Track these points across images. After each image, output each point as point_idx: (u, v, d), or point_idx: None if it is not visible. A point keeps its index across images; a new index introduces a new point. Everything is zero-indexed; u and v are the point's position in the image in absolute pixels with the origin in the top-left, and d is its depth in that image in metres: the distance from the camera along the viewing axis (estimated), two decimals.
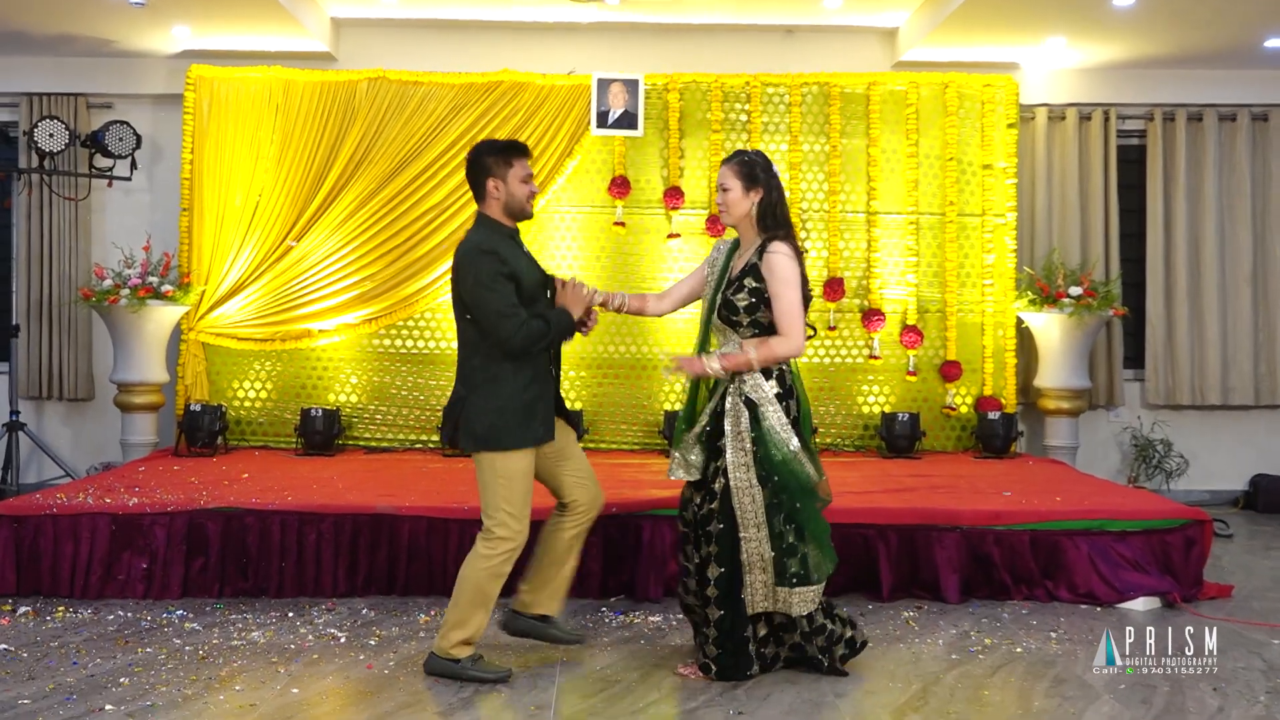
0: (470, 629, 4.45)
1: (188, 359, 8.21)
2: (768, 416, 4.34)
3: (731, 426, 4.36)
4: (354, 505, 5.93)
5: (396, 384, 8.37)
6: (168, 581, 5.74)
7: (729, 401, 4.39)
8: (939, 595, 5.77)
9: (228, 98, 8.34)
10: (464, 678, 4.45)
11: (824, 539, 4.45)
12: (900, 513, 5.94)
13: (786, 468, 4.33)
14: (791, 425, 4.38)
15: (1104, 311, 8.18)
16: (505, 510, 4.39)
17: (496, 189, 4.47)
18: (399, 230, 8.28)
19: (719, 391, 4.46)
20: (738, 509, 4.35)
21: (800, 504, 4.36)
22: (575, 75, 8.35)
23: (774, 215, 4.43)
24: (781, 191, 4.49)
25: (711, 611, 4.40)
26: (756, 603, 4.39)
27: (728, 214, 4.49)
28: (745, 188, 4.43)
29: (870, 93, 8.47)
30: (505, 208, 4.48)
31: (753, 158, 4.48)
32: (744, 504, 4.35)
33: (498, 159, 4.47)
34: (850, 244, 8.48)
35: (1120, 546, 5.83)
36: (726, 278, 4.48)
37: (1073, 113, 8.84)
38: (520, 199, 4.49)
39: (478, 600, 4.42)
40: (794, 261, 4.36)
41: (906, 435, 8.08)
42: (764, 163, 4.47)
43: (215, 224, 8.27)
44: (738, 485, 4.34)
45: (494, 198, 4.47)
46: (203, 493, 6.12)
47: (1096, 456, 8.89)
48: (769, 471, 4.33)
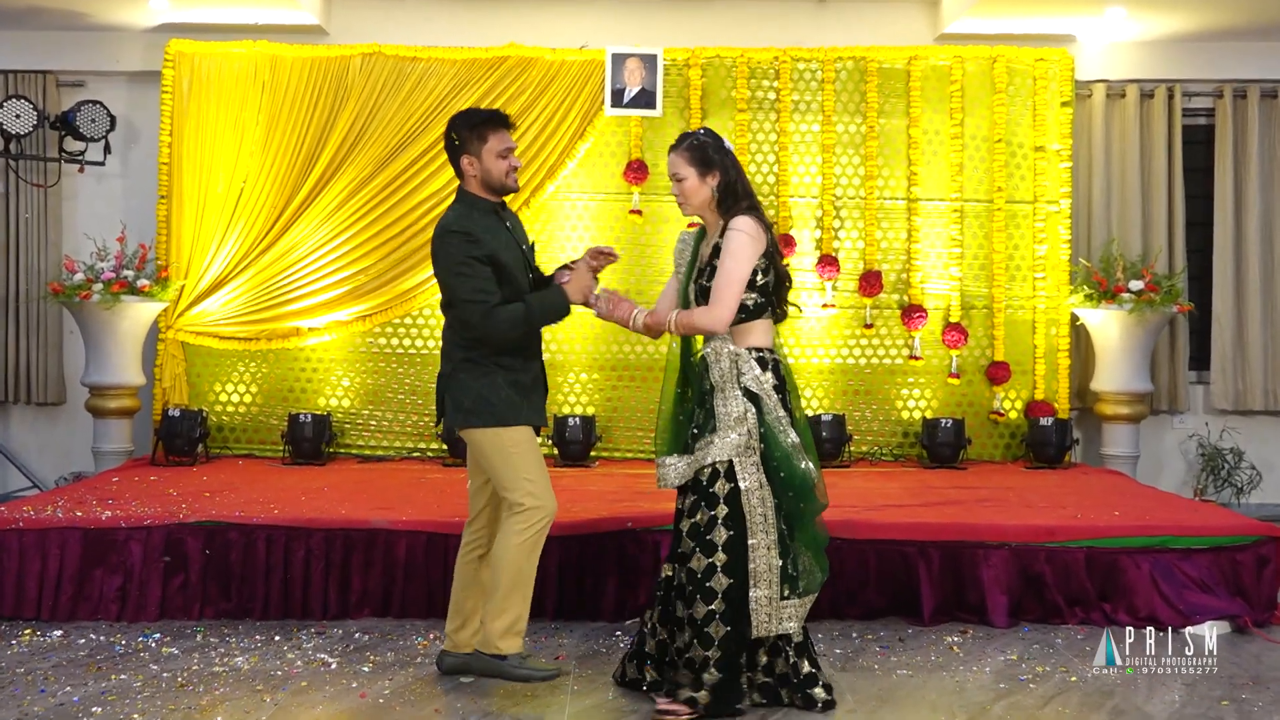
0: (512, 615, 4.47)
1: (166, 360, 8.24)
2: (770, 410, 4.40)
3: (736, 424, 4.36)
4: (346, 519, 5.94)
5: (393, 387, 8.38)
6: (144, 602, 5.75)
7: (726, 395, 4.39)
8: (985, 619, 5.75)
9: (209, 75, 8.37)
10: (511, 676, 4.49)
11: (819, 546, 4.48)
12: (943, 528, 5.92)
13: (789, 464, 4.39)
14: (788, 419, 4.45)
15: (1167, 308, 8.14)
16: (525, 479, 4.46)
17: (471, 165, 4.56)
18: (396, 219, 8.30)
19: (706, 384, 4.44)
20: (748, 513, 4.35)
21: (804, 505, 4.41)
22: (588, 50, 8.35)
23: (734, 194, 4.47)
24: (739, 168, 4.54)
25: (715, 629, 4.32)
26: (760, 624, 4.36)
27: (687, 204, 4.52)
28: (701, 173, 4.47)
29: (911, 68, 8.45)
30: (483, 184, 4.56)
31: (702, 139, 4.51)
32: (753, 506, 4.36)
33: (471, 133, 4.54)
34: (889, 234, 8.46)
35: (1185, 566, 5.80)
36: (697, 266, 4.53)
37: (1133, 90, 8.80)
38: (498, 175, 4.55)
39: (518, 581, 4.47)
40: (753, 239, 4.37)
41: (950, 443, 8.06)
42: (714, 142, 4.50)
43: (196, 213, 8.30)
44: (749, 487, 4.36)
45: (470, 175, 4.57)
46: (182, 505, 6.14)
47: (1159, 467, 8.85)
48: (773, 470, 4.38)
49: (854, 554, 5.84)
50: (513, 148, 4.61)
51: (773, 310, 4.53)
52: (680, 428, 4.49)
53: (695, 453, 4.41)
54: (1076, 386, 8.68)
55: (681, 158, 4.48)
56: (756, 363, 4.42)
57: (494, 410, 4.49)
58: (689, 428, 4.46)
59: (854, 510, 6.18)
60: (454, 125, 4.58)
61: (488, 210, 4.58)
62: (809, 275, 8.41)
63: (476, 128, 4.53)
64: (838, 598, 5.80)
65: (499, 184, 4.57)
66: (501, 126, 4.56)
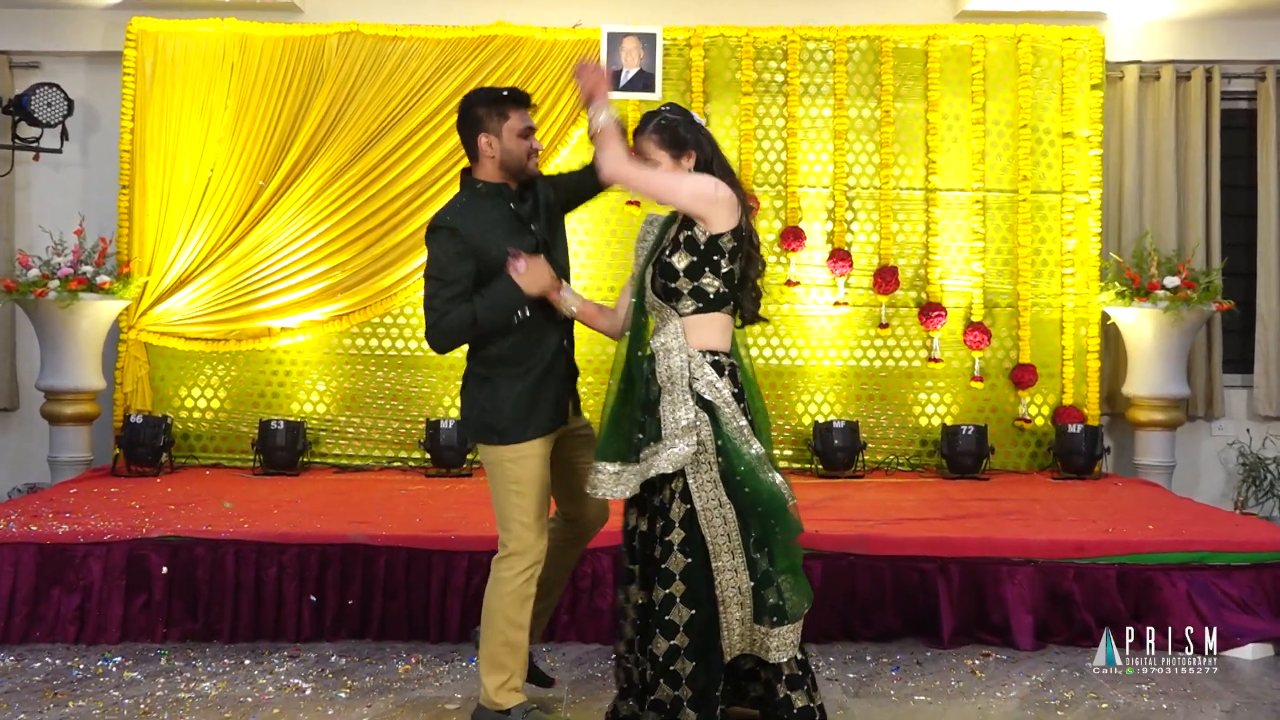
0: (507, 670, 4.44)
1: (127, 362, 8.24)
2: (728, 420, 4.15)
3: (684, 433, 4.11)
4: (321, 534, 5.94)
5: (372, 391, 8.38)
6: (104, 623, 5.74)
7: (675, 399, 4.14)
8: (1010, 640, 5.75)
9: (174, 56, 8.37)
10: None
11: (799, 568, 4.24)
12: (964, 543, 5.92)
13: (754, 478, 4.13)
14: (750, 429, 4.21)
15: (1205, 306, 8.14)
16: (519, 520, 4.41)
17: (490, 145, 4.43)
18: (375, 211, 8.30)
19: (654, 385, 4.20)
20: (708, 535, 4.12)
21: (776, 522, 4.16)
22: (582, 28, 8.35)
23: (714, 173, 4.25)
24: (714, 143, 4.34)
25: (681, 666, 4.11)
26: (734, 644, 4.18)
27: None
28: (674, 155, 4.25)
29: (929, 48, 8.46)
30: (502, 166, 4.45)
31: (670, 116, 4.29)
32: (714, 527, 4.12)
33: (489, 110, 4.44)
34: (905, 227, 8.47)
35: (1225, 584, 5.80)
36: (661, 247, 4.29)
37: (1169, 71, 8.80)
38: (518, 156, 4.43)
39: (508, 632, 4.42)
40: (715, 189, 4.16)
41: (972, 452, 8.06)
42: (684, 118, 4.29)
43: (160, 204, 8.30)
44: (705, 507, 4.12)
45: (487, 156, 4.44)
46: (145, 519, 6.13)
47: (1196, 477, 8.86)
48: (737, 485, 4.13)
49: (868, 571, 5.84)
50: (534, 128, 4.52)
51: (738, 306, 4.29)
52: (622, 431, 4.27)
53: (640, 463, 4.18)
54: (1107, 391, 8.68)
55: (651, 141, 4.25)
56: (711, 367, 4.18)
57: (494, 426, 4.43)
58: (634, 432, 4.24)
59: (868, 524, 6.19)
60: (471, 101, 4.49)
61: (492, 194, 4.45)
62: (820, 271, 8.41)
63: (497, 104, 4.44)
64: (851, 618, 5.81)
65: (518, 166, 4.46)
66: (523, 104, 4.48)
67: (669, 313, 4.22)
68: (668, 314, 4.22)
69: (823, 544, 5.82)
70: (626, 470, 4.22)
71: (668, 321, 4.22)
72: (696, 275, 4.17)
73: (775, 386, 8.37)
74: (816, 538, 5.83)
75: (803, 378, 8.44)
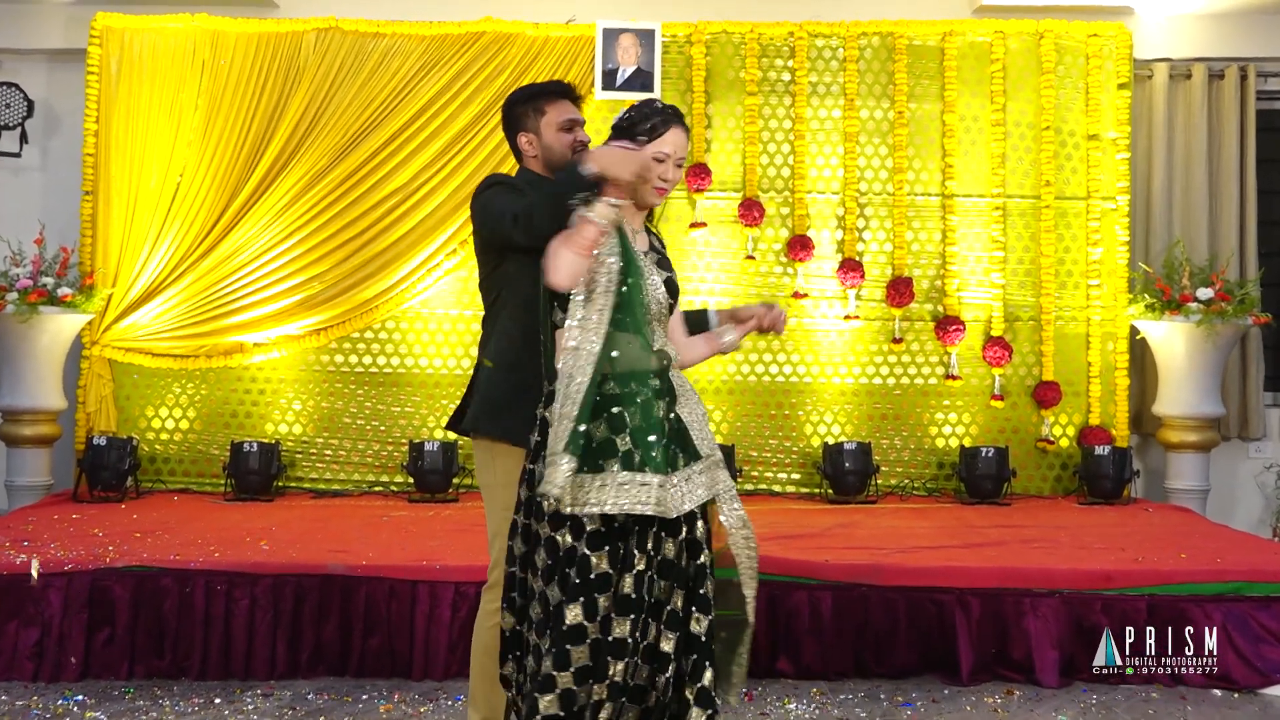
0: (486, 708, 4.40)
1: (90, 380, 8.24)
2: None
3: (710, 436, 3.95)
4: (297, 564, 5.93)
5: (351, 411, 8.38)
6: (64, 659, 5.72)
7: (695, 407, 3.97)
8: (1033, 677, 5.73)
9: (141, 53, 8.39)
10: None
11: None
12: (984, 573, 5.91)
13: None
14: None
15: (1241, 319, 8.15)
16: (502, 545, 4.16)
17: (530, 144, 4.39)
18: (355, 219, 8.31)
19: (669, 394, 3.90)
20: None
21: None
22: (576, 24, 8.38)
23: None
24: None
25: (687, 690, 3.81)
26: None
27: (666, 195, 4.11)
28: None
29: (946, 45, 8.48)
30: (545, 165, 4.38)
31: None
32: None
33: (526, 108, 4.41)
34: (921, 235, 8.48)
35: (1263, 616, 5.79)
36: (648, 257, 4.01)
37: (1200, 69, 8.83)
38: (560, 151, 4.33)
39: (488, 669, 4.33)
40: None
41: (991, 475, 8.06)
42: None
43: (125, 211, 8.31)
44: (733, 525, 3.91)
45: (530, 155, 4.40)
46: (109, 548, 6.12)
47: (1232, 502, 8.86)
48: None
49: (881, 603, 5.82)
50: (579, 120, 4.43)
51: None
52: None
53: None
54: (1136, 410, 8.69)
55: (688, 142, 4.11)
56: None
57: (495, 419, 4.21)
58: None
59: (881, 553, 6.18)
60: (510, 101, 4.44)
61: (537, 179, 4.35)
62: (829, 282, 8.42)
63: (533, 99, 4.40)
64: (863, 654, 5.79)
65: (561, 161, 4.33)
66: (562, 97, 4.43)
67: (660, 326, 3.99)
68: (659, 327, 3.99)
69: (833, 574, 5.82)
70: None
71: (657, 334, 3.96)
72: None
73: (782, 405, 8.37)
74: (826, 567, 5.83)
75: (811, 396, 8.43)
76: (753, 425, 8.36)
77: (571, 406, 3.66)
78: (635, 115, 3.98)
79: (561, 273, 3.67)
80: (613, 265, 3.79)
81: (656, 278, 3.92)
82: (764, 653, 5.67)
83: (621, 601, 3.64)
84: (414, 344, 8.40)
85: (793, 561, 5.90)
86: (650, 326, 3.85)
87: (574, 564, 3.65)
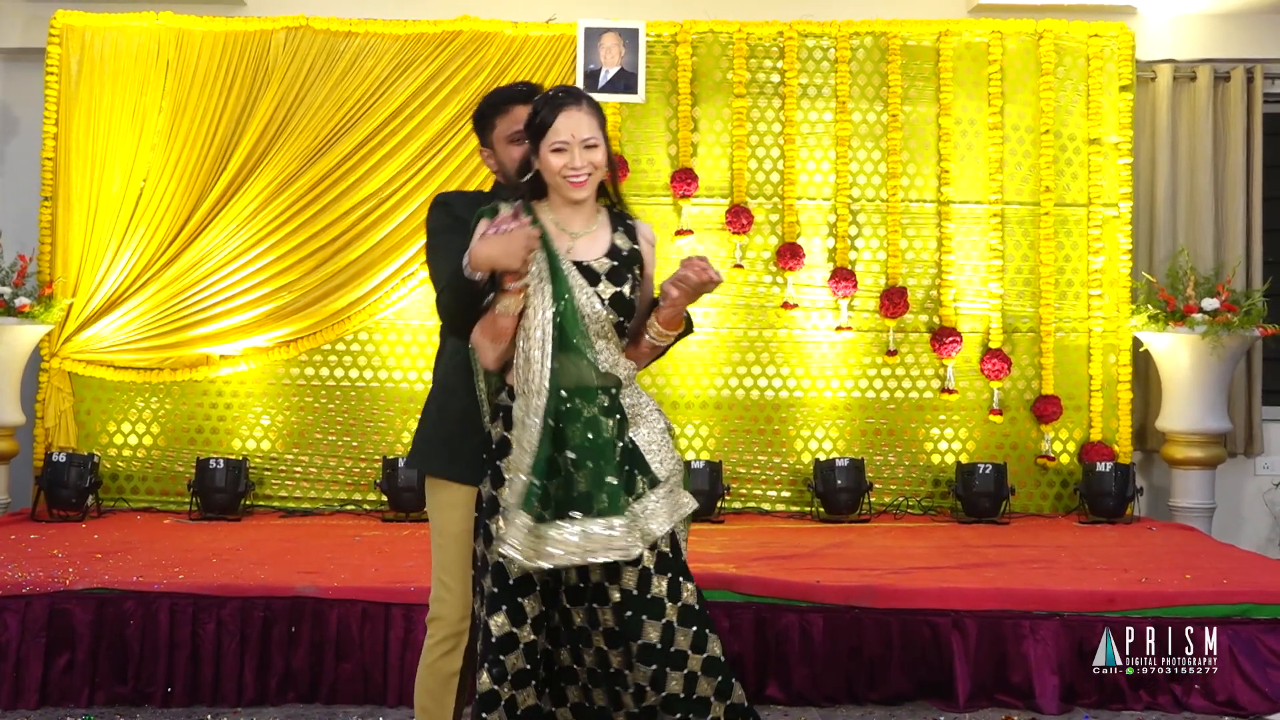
0: None
1: (49, 394, 8.22)
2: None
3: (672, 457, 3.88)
4: (266, 585, 5.92)
5: (322, 426, 8.38)
6: (21, 686, 5.70)
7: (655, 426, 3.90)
8: (1033, 703, 5.73)
9: (103, 53, 8.38)
10: None
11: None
12: (981, 594, 5.92)
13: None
14: None
15: (1247, 331, 8.17)
16: (440, 578, 4.12)
17: (490, 159, 4.27)
18: (326, 225, 8.31)
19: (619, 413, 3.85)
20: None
21: None
22: (556, 23, 8.39)
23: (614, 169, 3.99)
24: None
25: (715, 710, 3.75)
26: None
27: (591, 183, 3.86)
28: (605, 139, 3.90)
29: (941, 45, 8.51)
30: (505, 179, 4.17)
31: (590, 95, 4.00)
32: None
33: (482, 122, 4.29)
34: (916, 243, 8.50)
35: (1271, 639, 5.80)
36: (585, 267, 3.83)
37: (1205, 71, 8.86)
38: (510, 167, 4.11)
39: (430, 710, 4.25)
40: None
41: (989, 493, 8.08)
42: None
43: (86, 217, 8.30)
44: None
45: (492, 169, 4.27)
46: (68, 569, 6.10)
47: (1238, 521, 8.88)
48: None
49: (875, 626, 5.82)
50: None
51: None
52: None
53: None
54: (1139, 425, 8.71)
55: (595, 119, 3.86)
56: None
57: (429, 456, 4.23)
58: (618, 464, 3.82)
59: (875, 574, 6.19)
60: (474, 114, 4.31)
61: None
62: (820, 292, 8.44)
63: (484, 115, 4.23)
64: (855, 679, 5.78)
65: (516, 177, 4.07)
66: (512, 104, 4.17)
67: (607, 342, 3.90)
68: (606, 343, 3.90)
69: (825, 596, 5.82)
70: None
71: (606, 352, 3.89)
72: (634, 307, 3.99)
73: (771, 420, 8.38)
74: (818, 589, 5.84)
75: (801, 411, 8.45)
76: (741, 441, 8.37)
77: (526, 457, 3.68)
78: (531, 114, 3.87)
79: (488, 359, 3.81)
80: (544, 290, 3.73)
81: (593, 291, 3.78)
82: (753, 678, 5.66)
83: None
84: (387, 356, 8.39)
85: (782, 583, 5.90)
86: (592, 345, 3.77)
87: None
